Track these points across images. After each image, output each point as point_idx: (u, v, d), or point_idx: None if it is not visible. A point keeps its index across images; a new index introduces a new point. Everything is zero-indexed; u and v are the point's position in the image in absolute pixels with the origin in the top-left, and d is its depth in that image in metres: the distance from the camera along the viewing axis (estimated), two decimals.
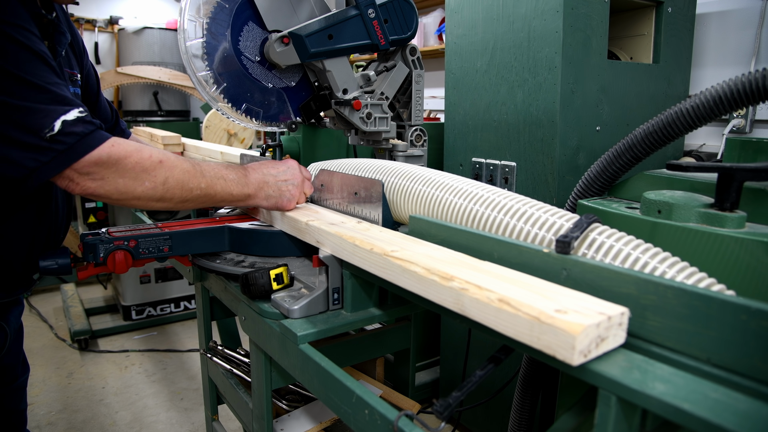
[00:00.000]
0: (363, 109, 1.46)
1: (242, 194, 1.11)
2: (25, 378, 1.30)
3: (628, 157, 1.10)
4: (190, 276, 1.51)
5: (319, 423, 1.30)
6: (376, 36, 1.43)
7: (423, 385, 2.46)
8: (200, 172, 1.05)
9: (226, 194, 1.09)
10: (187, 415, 2.53)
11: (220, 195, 1.08)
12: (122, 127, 1.48)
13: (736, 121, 2.09)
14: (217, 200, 1.09)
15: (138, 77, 4.08)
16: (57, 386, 2.80)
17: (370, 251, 0.85)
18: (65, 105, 0.91)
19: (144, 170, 0.97)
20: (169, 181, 1.00)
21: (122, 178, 0.96)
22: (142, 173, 0.97)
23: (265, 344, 1.06)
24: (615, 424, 0.55)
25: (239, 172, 1.12)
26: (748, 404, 0.50)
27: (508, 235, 0.85)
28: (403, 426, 0.68)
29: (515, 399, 1.19)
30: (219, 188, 1.07)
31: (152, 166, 0.98)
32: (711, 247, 0.80)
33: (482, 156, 1.96)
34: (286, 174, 1.17)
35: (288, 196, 1.16)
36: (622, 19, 1.99)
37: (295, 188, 1.17)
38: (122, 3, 4.77)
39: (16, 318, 1.25)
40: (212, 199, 1.07)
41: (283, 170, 1.18)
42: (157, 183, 0.99)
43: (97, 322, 3.54)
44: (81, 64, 1.27)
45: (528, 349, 0.59)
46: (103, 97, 1.41)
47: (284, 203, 1.15)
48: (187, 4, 1.29)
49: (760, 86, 0.90)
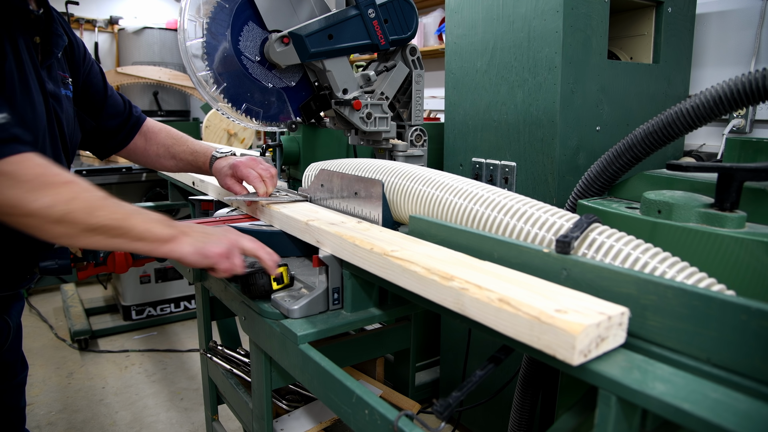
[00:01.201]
0: (363, 109, 1.46)
1: (165, 234, 0.94)
2: (24, 375, 1.30)
3: (628, 157, 1.10)
4: (190, 276, 1.51)
5: (319, 423, 1.30)
6: (376, 36, 1.43)
7: (423, 385, 2.46)
8: (116, 203, 0.92)
9: (145, 230, 0.92)
10: (187, 415, 2.53)
11: (137, 230, 0.91)
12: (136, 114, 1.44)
13: (736, 121, 2.09)
14: (133, 236, 0.91)
15: (138, 77, 4.09)
16: (57, 386, 2.80)
17: (370, 251, 0.85)
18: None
19: (46, 184, 0.85)
20: (74, 202, 0.86)
21: (15, 188, 0.83)
22: (43, 187, 0.84)
23: (265, 344, 1.06)
24: (615, 424, 0.55)
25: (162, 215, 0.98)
26: (748, 404, 0.50)
27: (508, 235, 0.85)
28: (403, 426, 0.68)
29: (515, 399, 1.19)
30: (137, 222, 0.91)
31: (58, 182, 0.86)
32: (711, 247, 0.80)
33: (482, 156, 1.96)
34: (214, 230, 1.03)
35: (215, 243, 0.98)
36: (622, 19, 1.99)
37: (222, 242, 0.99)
38: (122, 3, 4.77)
39: (17, 313, 1.25)
40: (126, 233, 0.91)
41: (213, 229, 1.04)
42: (59, 201, 0.85)
43: (97, 322, 3.53)
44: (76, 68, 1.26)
45: (528, 349, 0.59)
46: (113, 92, 1.39)
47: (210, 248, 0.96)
48: (187, 4, 1.29)
49: (760, 86, 0.90)
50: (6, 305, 1.19)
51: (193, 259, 0.96)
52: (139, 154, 1.47)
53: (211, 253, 0.96)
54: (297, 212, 1.16)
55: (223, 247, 0.97)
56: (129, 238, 0.91)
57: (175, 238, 0.95)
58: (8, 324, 1.20)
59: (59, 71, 1.16)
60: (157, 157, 1.47)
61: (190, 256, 0.95)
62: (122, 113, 1.40)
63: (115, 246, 0.92)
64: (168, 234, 0.94)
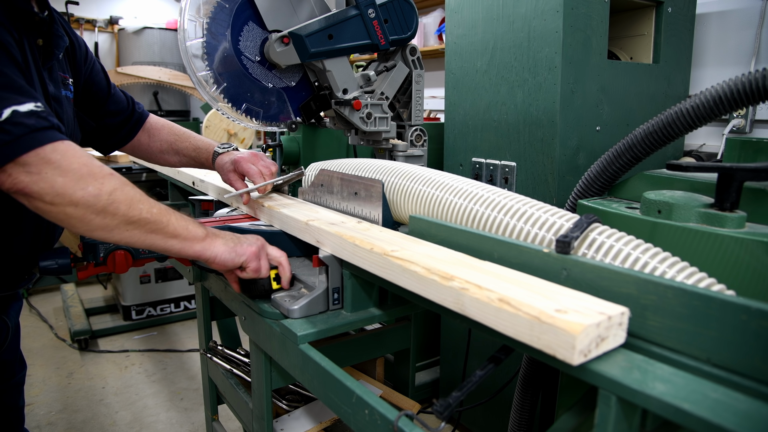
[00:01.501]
0: (363, 109, 1.46)
1: (200, 233, 0.97)
2: (22, 375, 1.30)
3: (628, 157, 1.10)
4: (190, 276, 1.51)
5: (319, 423, 1.30)
6: (376, 36, 1.43)
7: (423, 385, 2.46)
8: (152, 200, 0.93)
9: (181, 228, 0.94)
10: (187, 415, 2.53)
11: (173, 226, 0.93)
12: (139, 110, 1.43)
13: (736, 121, 2.09)
14: (170, 232, 0.93)
15: (138, 77, 4.09)
16: (57, 386, 2.80)
17: (370, 251, 0.85)
18: (21, 95, 0.85)
19: (91, 174, 0.85)
20: (117, 193, 0.87)
21: (63, 176, 0.83)
22: (88, 176, 0.85)
23: (265, 344, 1.06)
24: (615, 424, 0.55)
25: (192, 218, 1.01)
26: (748, 404, 0.50)
27: (508, 235, 0.85)
28: (403, 426, 0.68)
29: (515, 399, 1.19)
30: (173, 219, 0.94)
31: (102, 173, 0.87)
32: (711, 247, 0.80)
33: (482, 156, 1.96)
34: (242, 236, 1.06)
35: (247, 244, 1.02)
36: (622, 19, 1.99)
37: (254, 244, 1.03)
38: (122, 3, 4.77)
39: (15, 313, 1.25)
40: (164, 229, 0.92)
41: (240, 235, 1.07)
42: (103, 191, 0.85)
43: (97, 322, 3.53)
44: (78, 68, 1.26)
45: (528, 349, 0.59)
46: (116, 90, 1.40)
47: (242, 247, 1.01)
48: (187, 4, 1.29)
49: (760, 86, 0.90)
50: (4, 305, 1.19)
51: (225, 257, 0.98)
52: (143, 150, 1.47)
53: (244, 251, 1.00)
54: (297, 212, 1.16)
55: (254, 247, 1.01)
56: (165, 233, 0.92)
57: (208, 237, 0.97)
58: (7, 324, 1.20)
59: (60, 72, 1.16)
60: (160, 153, 1.47)
61: (223, 254, 0.98)
62: (125, 110, 1.40)
63: (150, 242, 0.93)
64: (202, 233, 0.97)
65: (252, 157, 1.34)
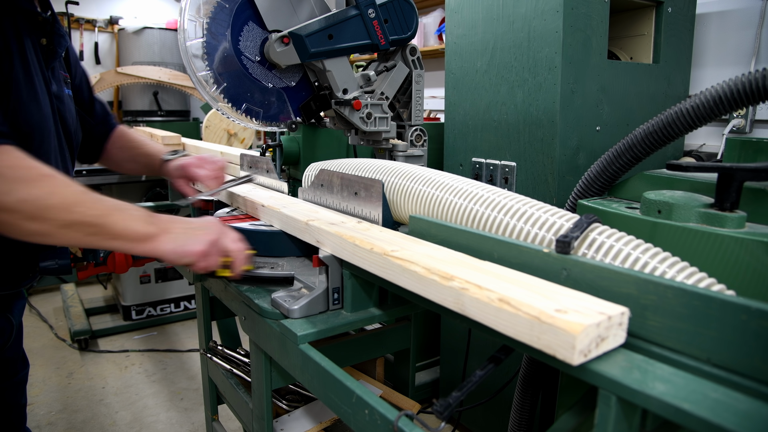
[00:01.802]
0: (363, 109, 1.46)
1: (144, 233, 0.91)
2: (25, 373, 1.31)
3: (628, 157, 1.10)
4: (190, 276, 1.51)
5: (319, 423, 1.30)
6: (376, 36, 1.43)
7: (423, 385, 2.46)
8: (97, 198, 0.89)
9: (123, 228, 0.89)
10: (187, 415, 2.53)
11: (115, 228, 0.88)
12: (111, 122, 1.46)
13: (736, 121, 2.09)
14: (110, 234, 0.88)
15: (138, 77, 4.09)
16: (57, 386, 2.80)
17: (370, 251, 0.85)
18: None
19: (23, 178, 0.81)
20: (53, 197, 0.83)
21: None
22: (21, 181, 0.81)
23: (265, 344, 1.06)
24: (615, 424, 0.55)
25: (145, 211, 0.94)
26: (748, 404, 0.50)
27: (508, 235, 0.85)
28: (403, 426, 0.68)
29: (515, 399, 1.19)
30: (116, 219, 0.89)
31: (36, 176, 0.83)
32: (711, 247, 0.80)
33: (482, 156, 1.96)
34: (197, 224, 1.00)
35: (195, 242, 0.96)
36: (622, 19, 1.99)
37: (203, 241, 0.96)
38: (122, 3, 4.77)
39: (19, 312, 1.26)
40: (103, 230, 0.88)
41: (198, 224, 1.00)
42: (38, 195, 0.81)
43: (97, 322, 3.54)
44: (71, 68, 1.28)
45: (528, 349, 0.59)
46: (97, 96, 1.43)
47: (189, 247, 0.95)
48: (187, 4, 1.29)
49: (760, 86, 0.90)
50: (8, 303, 1.19)
51: (171, 257, 0.94)
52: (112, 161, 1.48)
53: (189, 251, 0.95)
54: (297, 212, 1.16)
55: (202, 245, 0.96)
56: (106, 235, 0.88)
57: (154, 237, 0.92)
58: (11, 322, 1.20)
59: (60, 71, 1.17)
60: (124, 162, 1.49)
61: (169, 254, 0.94)
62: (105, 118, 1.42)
63: (92, 243, 0.89)
64: (147, 232, 0.92)
65: (198, 161, 1.35)
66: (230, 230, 1.03)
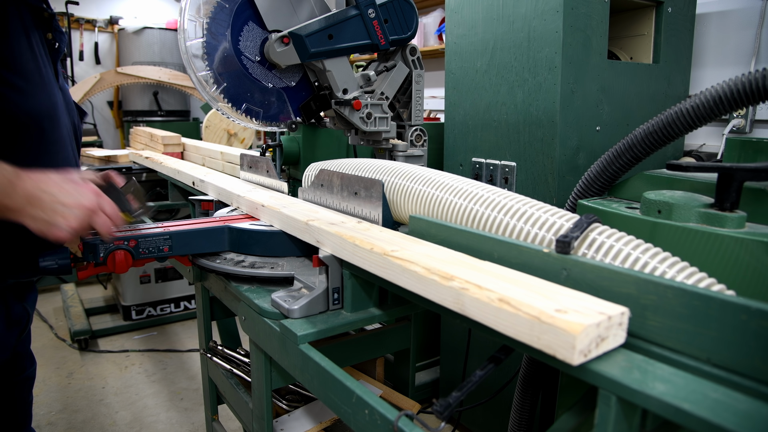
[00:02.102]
0: (363, 109, 1.46)
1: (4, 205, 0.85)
2: (32, 370, 1.31)
3: (628, 157, 1.10)
4: (190, 276, 1.51)
5: (319, 423, 1.30)
6: (376, 36, 1.43)
7: (423, 385, 2.46)
8: None
9: None
10: (187, 415, 2.53)
11: None
12: None
13: (736, 121, 2.09)
14: None
15: (138, 77, 4.09)
16: (57, 386, 2.80)
17: (370, 251, 0.85)
18: None
19: None
20: None
21: None
22: None
23: (265, 344, 1.06)
24: (615, 424, 0.55)
25: (7, 178, 0.86)
26: (748, 404, 0.50)
27: (508, 235, 0.85)
28: (403, 426, 0.68)
29: (515, 399, 1.19)
30: None
31: None
32: (711, 247, 0.80)
33: (482, 156, 1.96)
34: (69, 197, 0.91)
35: (61, 224, 0.89)
36: (622, 19, 1.99)
37: (75, 218, 0.90)
38: (122, 3, 4.78)
39: (31, 304, 1.25)
40: None
41: (68, 191, 0.91)
42: None
43: (97, 322, 3.53)
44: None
45: (528, 349, 0.59)
46: None
47: (52, 231, 0.89)
48: (187, 4, 1.29)
49: (760, 86, 0.90)
50: (22, 294, 1.19)
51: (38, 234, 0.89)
52: None
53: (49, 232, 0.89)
54: (297, 212, 1.16)
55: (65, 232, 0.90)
56: None
57: (12, 211, 0.86)
58: (27, 311, 1.20)
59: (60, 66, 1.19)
60: None
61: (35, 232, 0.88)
62: None
63: None
64: (4, 205, 0.85)
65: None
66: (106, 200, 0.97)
